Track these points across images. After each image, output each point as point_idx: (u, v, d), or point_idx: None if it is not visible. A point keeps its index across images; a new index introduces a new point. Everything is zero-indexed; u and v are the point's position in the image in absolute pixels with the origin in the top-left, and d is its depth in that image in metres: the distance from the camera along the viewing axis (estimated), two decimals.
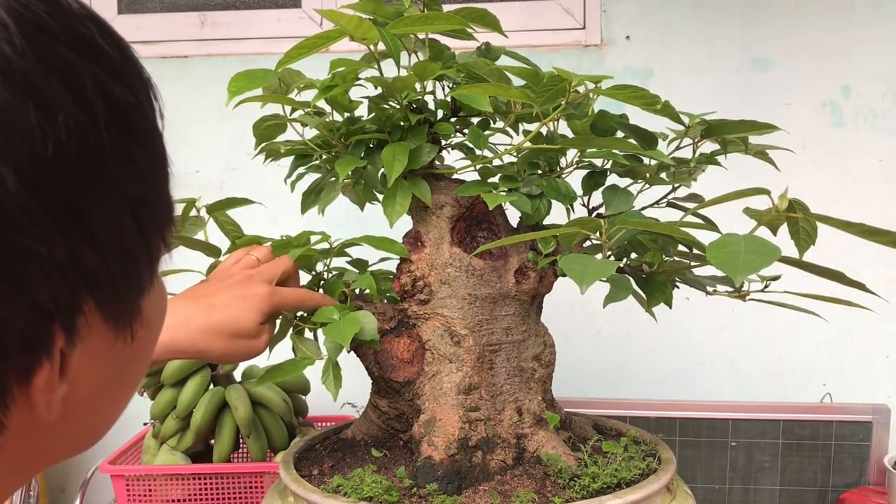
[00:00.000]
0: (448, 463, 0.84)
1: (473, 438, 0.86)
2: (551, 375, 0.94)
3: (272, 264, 0.85)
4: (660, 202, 0.97)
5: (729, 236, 0.66)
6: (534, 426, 0.89)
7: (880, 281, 1.58)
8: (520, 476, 0.86)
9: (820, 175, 1.60)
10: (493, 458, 0.87)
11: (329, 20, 0.78)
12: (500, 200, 0.85)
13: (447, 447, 0.85)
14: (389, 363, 0.89)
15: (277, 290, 0.82)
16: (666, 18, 1.63)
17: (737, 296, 0.82)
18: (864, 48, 1.60)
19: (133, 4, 1.77)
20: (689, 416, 1.50)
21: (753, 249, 0.63)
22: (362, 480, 0.82)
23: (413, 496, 0.82)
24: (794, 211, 0.72)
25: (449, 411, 0.86)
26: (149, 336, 0.43)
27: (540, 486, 0.84)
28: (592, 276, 0.66)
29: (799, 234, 0.77)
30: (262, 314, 0.80)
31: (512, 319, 0.91)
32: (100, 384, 0.40)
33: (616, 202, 0.88)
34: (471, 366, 0.87)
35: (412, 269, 0.90)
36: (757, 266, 0.61)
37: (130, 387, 0.45)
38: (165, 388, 1.40)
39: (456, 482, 0.83)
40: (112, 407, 0.44)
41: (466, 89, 0.80)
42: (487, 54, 0.90)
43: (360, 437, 0.95)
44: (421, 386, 0.88)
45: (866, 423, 1.48)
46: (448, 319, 0.88)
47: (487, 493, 0.82)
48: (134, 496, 1.30)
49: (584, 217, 0.83)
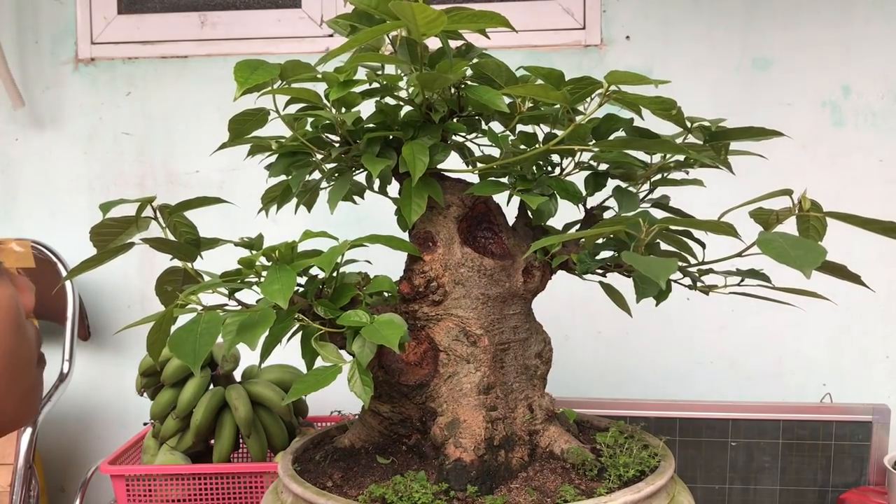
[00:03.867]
0: (479, 463, 0.84)
1: (497, 438, 0.86)
2: (548, 372, 0.95)
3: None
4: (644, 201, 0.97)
5: (769, 234, 0.68)
6: (544, 422, 0.90)
7: (881, 281, 1.58)
8: (540, 471, 0.87)
9: (820, 175, 1.60)
10: (513, 455, 0.87)
11: (395, 12, 0.76)
12: (538, 201, 0.85)
13: (476, 448, 0.85)
14: (396, 367, 0.88)
15: None
16: (666, 18, 1.63)
17: (703, 289, 0.85)
18: (864, 48, 1.60)
19: (133, 4, 1.77)
20: (689, 416, 1.49)
21: (797, 246, 0.66)
22: (408, 487, 0.81)
23: (453, 499, 0.81)
24: (817, 211, 0.77)
25: (472, 412, 0.86)
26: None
27: (566, 480, 0.84)
28: (664, 274, 0.67)
29: (808, 231, 0.80)
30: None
31: (518, 318, 0.91)
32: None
33: (626, 203, 0.89)
34: (488, 365, 0.88)
35: (426, 270, 0.89)
36: (812, 261, 0.63)
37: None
38: (165, 388, 1.40)
39: (488, 482, 0.83)
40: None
41: (510, 90, 0.79)
42: (466, 54, 0.90)
43: (360, 444, 0.94)
44: (436, 388, 0.88)
45: (866, 423, 1.48)
46: (463, 320, 0.88)
47: (521, 491, 0.83)
48: (134, 496, 1.30)
49: (621, 216, 0.85)
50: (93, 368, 1.79)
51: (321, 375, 0.79)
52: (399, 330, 0.77)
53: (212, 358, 1.44)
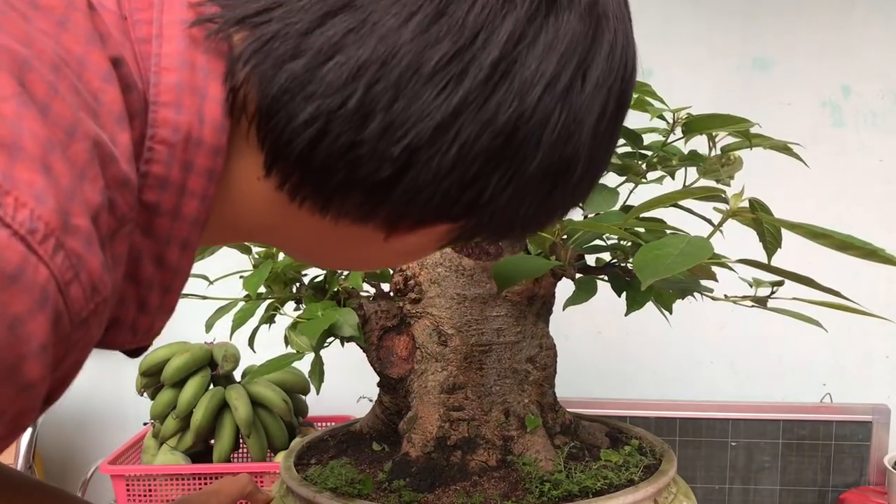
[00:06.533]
0: (423, 460, 0.84)
1: (453, 437, 0.86)
2: (550, 378, 0.93)
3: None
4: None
5: (672, 238, 0.64)
6: (521, 429, 0.89)
7: (880, 281, 1.58)
8: (497, 478, 0.85)
9: (820, 175, 1.60)
10: (473, 458, 0.87)
11: None
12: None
13: (424, 445, 0.85)
14: (389, 360, 0.90)
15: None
16: (666, 17, 1.63)
17: (734, 300, 0.81)
18: (864, 48, 1.60)
19: None
20: (689, 416, 1.50)
21: (687, 251, 0.60)
22: (332, 471, 0.84)
23: (383, 490, 0.82)
24: (754, 212, 0.68)
25: (430, 409, 0.87)
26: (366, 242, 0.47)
27: (510, 490, 0.83)
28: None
29: (766, 237, 0.73)
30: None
31: (504, 321, 0.90)
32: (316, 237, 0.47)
33: (597, 201, 0.84)
34: (456, 365, 0.87)
35: (404, 268, 0.91)
36: (679, 267, 0.58)
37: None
38: (165, 388, 1.40)
39: (429, 480, 0.83)
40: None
41: None
42: None
43: (367, 430, 0.97)
44: (411, 383, 0.89)
45: (866, 423, 1.48)
46: (437, 319, 0.89)
47: (456, 493, 0.82)
48: (134, 496, 1.30)
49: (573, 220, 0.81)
50: (93, 368, 1.78)
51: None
52: (324, 323, 0.85)
53: (212, 358, 1.44)
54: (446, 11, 0.39)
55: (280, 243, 0.53)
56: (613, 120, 0.45)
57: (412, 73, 0.39)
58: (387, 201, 0.42)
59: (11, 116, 0.31)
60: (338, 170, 0.41)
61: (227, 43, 0.40)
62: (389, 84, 0.39)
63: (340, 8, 0.39)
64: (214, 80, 0.40)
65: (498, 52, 0.39)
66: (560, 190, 0.45)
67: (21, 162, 0.31)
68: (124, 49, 0.38)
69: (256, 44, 0.39)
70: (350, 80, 0.39)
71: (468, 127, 0.40)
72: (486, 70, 0.39)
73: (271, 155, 0.41)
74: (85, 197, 0.33)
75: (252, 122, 0.41)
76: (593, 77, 0.43)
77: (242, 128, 0.41)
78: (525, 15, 0.40)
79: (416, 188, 0.41)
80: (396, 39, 0.39)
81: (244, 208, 0.44)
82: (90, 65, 0.36)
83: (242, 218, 0.45)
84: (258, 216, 0.44)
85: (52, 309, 0.31)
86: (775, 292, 0.79)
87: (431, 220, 0.44)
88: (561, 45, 0.41)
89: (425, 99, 0.39)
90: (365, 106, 0.39)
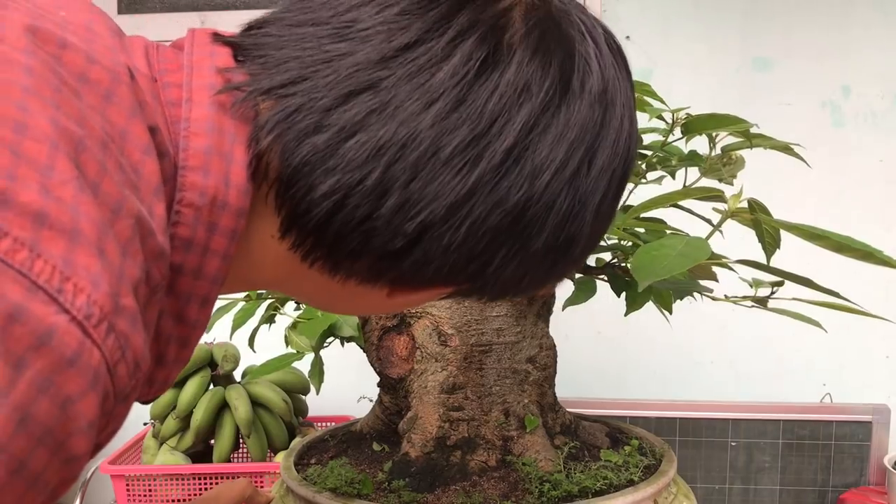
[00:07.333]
0: (423, 461, 0.84)
1: (453, 438, 0.86)
2: (550, 378, 0.93)
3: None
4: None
5: (670, 238, 0.64)
6: (521, 429, 0.89)
7: (880, 281, 1.58)
8: (497, 479, 0.85)
9: (820, 175, 1.60)
10: (472, 458, 0.87)
11: None
12: None
13: (423, 445, 0.85)
14: (389, 360, 0.90)
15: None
16: (666, 18, 1.63)
17: (737, 301, 0.81)
18: (864, 48, 1.60)
19: (133, 4, 1.77)
20: (689, 416, 1.50)
21: (686, 252, 0.60)
22: (332, 471, 0.84)
23: (383, 490, 0.82)
24: (753, 212, 0.68)
25: (430, 409, 0.87)
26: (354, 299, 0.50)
27: (509, 490, 0.83)
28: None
29: (765, 238, 0.74)
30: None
31: (504, 321, 0.90)
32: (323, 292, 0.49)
33: None
34: (456, 365, 0.87)
35: None
36: (677, 268, 0.59)
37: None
38: None
39: (429, 480, 0.83)
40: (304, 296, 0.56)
41: None
42: None
43: (367, 430, 0.97)
44: (410, 383, 0.89)
45: (866, 423, 1.48)
46: (437, 319, 0.89)
47: (455, 493, 0.82)
48: (134, 496, 1.30)
49: None
50: None
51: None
52: (324, 323, 0.85)
53: (212, 358, 1.44)
54: (466, 99, 0.41)
55: (290, 293, 0.57)
56: (614, 199, 0.48)
57: (430, 156, 0.41)
58: (395, 269, 0.44)
59: (70, 201, 0.32)
60: (352, 240, 0.42)
61: (254, 110, 0.42)
62: (408, 165, 0.40)
63: (364, 88, 0.40)
64: (240, 145, 0.41)
65: (513, 140, 0.41)
66: (561, 264, 0.48)
67: (80, 246, 0.32)
68: (157, 115, 0.40)
69: (281, 115, 0.41)
70: (370, 158, 0.40)
71: (479, 207, 0.42)
72: (500, 156, 0.41)
73: (288, 220, 0.43)
74: (128, 273, 0.34)
75: (272, 188, 0.42)
76: (599, 162, 0.45)
77: (262, 191, 0.43)
78: (540, 105, 0.42)
79: (425, 260, 0.43)
80: (417, 124, 0.40)
81: (257, 263, 0.46)
82: (132, 137, 0.37)
83: (255, 271, 0.46)
84: (270, 271, 0.46)
85: (102, 389, 0.33)
86: (775, 293, 0.79)
87: (437, 285, 0.46)
88: (571, 133, 0.43)
89: (441, 180, 0.41)
90: (383, 184, 0.40)
